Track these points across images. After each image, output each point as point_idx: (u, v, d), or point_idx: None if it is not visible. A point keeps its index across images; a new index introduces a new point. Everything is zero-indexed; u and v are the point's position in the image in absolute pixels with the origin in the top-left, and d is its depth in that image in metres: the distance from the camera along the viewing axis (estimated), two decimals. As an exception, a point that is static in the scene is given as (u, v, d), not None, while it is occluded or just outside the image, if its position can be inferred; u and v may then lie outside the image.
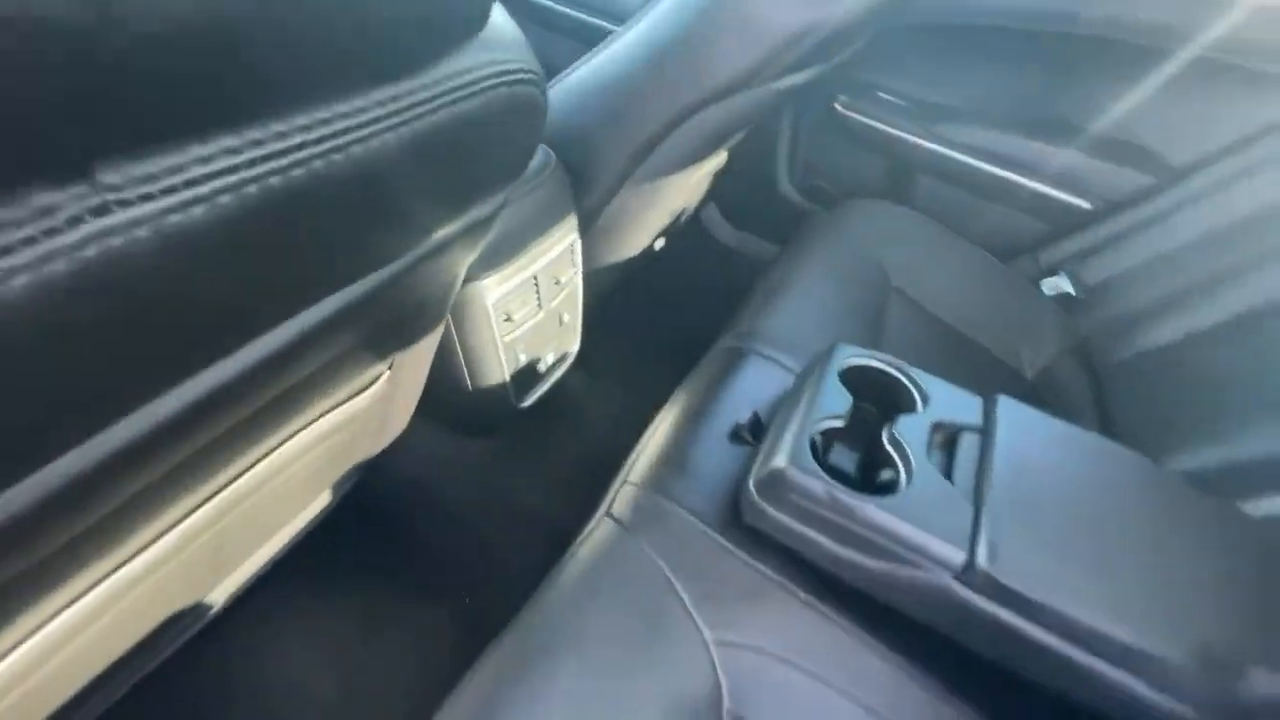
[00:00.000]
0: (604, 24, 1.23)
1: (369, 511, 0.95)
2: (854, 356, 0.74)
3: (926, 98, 1.30)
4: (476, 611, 0.93)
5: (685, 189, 0.97)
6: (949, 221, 1.26)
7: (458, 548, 0.96)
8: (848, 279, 1.07)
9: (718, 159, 1.09)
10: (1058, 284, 1.20)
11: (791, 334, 0.92)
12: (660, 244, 1.26)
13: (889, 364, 0.73)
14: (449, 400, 0.87)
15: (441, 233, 0.43)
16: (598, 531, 0.66)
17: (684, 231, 1.35)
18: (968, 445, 0.66)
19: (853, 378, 0.73)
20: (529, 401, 0.92)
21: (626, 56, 0.79)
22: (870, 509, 0.58)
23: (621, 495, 0.69)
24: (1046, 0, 1.10)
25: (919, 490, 0.61)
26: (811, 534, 0.61)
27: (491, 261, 0.73)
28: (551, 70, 0.86)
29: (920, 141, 1.28)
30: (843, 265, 1.09)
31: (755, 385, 0.84)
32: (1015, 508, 0.61)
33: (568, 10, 1.28)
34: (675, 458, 0.73)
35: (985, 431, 0.67)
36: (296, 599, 0.90)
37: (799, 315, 0.96)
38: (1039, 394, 1.11)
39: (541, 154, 0.80)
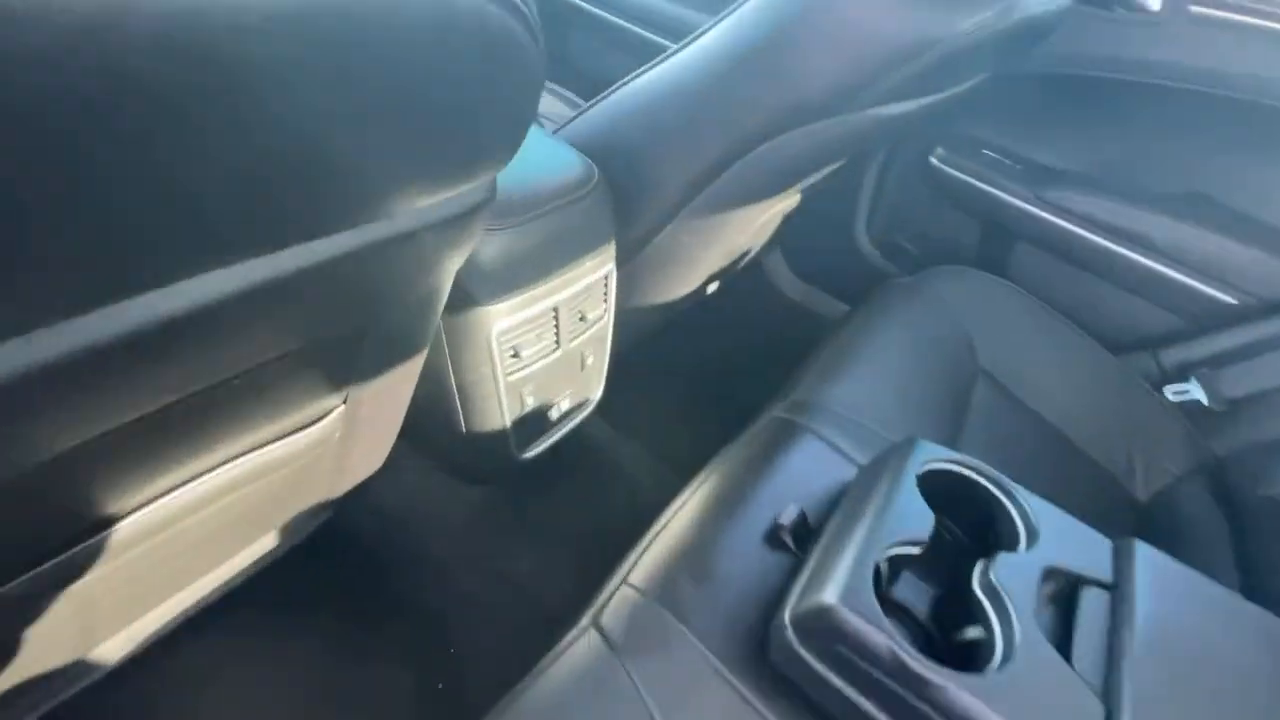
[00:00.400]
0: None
1: (338, 548, 0.82)
2: (939, 460, 0.57)
3: (1039, 159, 1.14)
4: (442, 688, 0.78)
5: (749, 228, 0.83)
6: (1053, 301, 1.08)
7: (431, 608, 0.81)
8: (928, 355, 0.90)
9: (790, 199, 0.95)
10: (1187, 390, 0.99)
11: (857, 413, 0.75)
12: (713, 288, 1.12)
13: (988, 477, 0.56)
14: (440, 439, 0.74)
15: (395, 209, 0.31)
16: (579, 645, 0.51)
17: (741, 276, 1.21)
18: (1092, 607, 0.49)
19: (932, 484, 0.57)
20: (533, 453, 0.78)
21: (696, 64, 0.66)
22: (953, 690, 0.41)
23: (617, 601, 0.54)
24: (1212, 56, 0.93)
25: (1024, 668, 0.43)
26: (864, 704, 0.45)
27: (502, 284, 0.61)
28: (607, 83, 0.75)
29: (1027, 207, 1.11)
30: (923, 338, 0.93)
31: (806, 472, 0.68)
32: (1165, 714, 0.43)
33: (631, 26, 1.18)
34: (692, 558, 0.57)
35: (1118, 590, 0.49)
36: (240, 645, 0.78)
37: (867, 392, 0.80)
38: (1154, 522, 0.91)
39: (583, 166, 0.68)
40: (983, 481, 0.55)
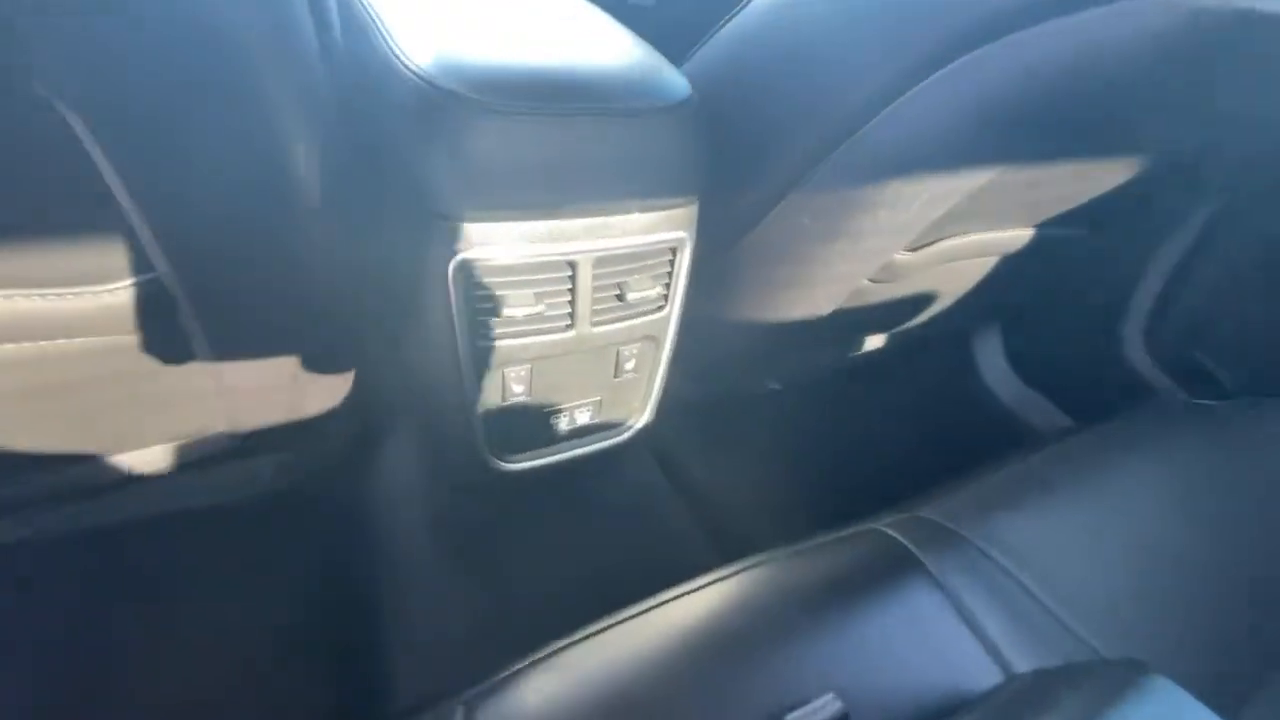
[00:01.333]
0: None
1: (286, 517, 0.67)
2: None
3: None
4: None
5: (909, 234, 0.53)
6: None
7: (345, 615, 0.63)
8: (1219, 525, 0.51)
9: (1011, 232, 0.63)
10: None
11: (1034, 574, 0.42)
12: (876, 343, 0.82)
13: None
14: (419, 412, 0.57)
15: None
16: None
17: (938, 352, 0.88)
18: None
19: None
20: (518, 466, 0.56)
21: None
22: None
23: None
24: None
25: None
26: None
27: (485, 195, 0.42)
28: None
29: None
30: (1217, 496, 0.53)
31: (890, 641, 0.37)
32: None
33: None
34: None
35: None
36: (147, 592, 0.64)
37: (1069, 545, 0.45)
38: None
39: (676, 79, 0.47)
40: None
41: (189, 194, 0.31)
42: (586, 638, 0.39)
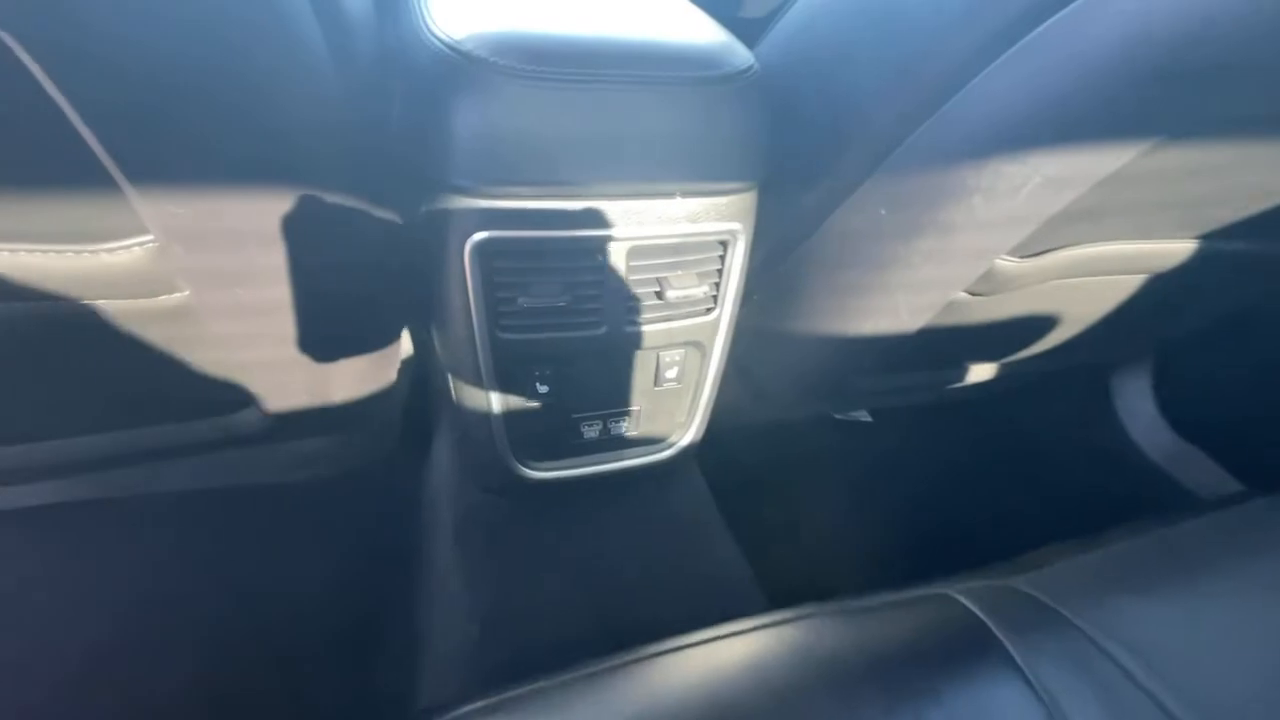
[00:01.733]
0: None
1: (320, 501, 0.66)
2: None
3: None
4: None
5: (1017, 234, 0.43)
6: None
7: (356, 613, 0.61)
8: None
9: (1162, 248, 0.50)
10: None
11: (1173, 683, 0.31)
12: (983, 374, 0.70)
13: None
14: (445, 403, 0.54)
15: None
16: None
17: (1052, 378, 0.75)
18: None
19: None
20: (543, 474, 0.52)
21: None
22: None
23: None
24: None
25: None
26: None
27: (508, 170, 0.38)
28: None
29: None
30: None
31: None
32: None
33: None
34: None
35: None
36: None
37: (1223, 654, 0.33)
38: None
39: (733, 48, 0.41)
40: None
41: (168, 154, 0.29)
42: (590, 675, 0.34)
